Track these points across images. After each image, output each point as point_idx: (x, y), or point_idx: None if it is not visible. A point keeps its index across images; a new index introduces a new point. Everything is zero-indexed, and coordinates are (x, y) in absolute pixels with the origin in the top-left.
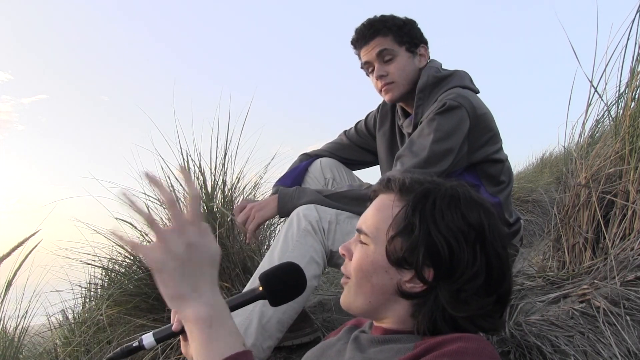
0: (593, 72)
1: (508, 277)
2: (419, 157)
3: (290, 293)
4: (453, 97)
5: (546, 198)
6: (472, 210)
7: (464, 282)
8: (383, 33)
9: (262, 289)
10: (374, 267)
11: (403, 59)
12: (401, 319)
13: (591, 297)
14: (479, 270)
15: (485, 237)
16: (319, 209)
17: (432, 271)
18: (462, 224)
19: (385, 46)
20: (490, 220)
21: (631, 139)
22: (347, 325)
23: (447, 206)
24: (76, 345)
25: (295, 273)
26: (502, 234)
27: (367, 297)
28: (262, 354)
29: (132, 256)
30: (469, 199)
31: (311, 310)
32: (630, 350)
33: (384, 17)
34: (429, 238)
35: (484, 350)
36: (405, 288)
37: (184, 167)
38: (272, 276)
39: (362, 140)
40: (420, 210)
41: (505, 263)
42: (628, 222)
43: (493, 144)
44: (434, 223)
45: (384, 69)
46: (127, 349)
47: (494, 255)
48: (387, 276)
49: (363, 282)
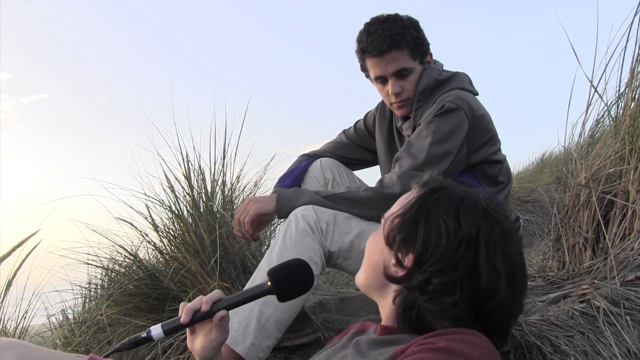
0: (593, 72)
1: (501, 296)
2: (417, 160)
3: (297, 288)
4: (451, 100)
5: (546, 198)
6: (470, 214)
7: (434, 272)
8: (400, 47)
9: (270, 284)
10: (375, 245)
11: (417, 73)
12: (390, 308)
13: (591, 297)
14: (454, 266)
15: (478, 242)
16: (317, 209)
17: (413, 257)
18: (452, 222)
19: (404, 65)
20: (493, 231)
21: (631, 139)
22: (352, 331)
23: (446, 204)
24: (76, 345)
25: (302, 269)
26: (508, 251)
27: (366, 273)
28: (261, 354)
29: (132, 256)
30: (474, 205)
31: (311, 310)
32: (630, 350)
33: (397, 26)
34: (417, 225)
35: (480, 343)
36: (390, 271)
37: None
38: (280, 272)
39: (361, 139)
40: (423, 201)
41: (500, 279)
42: (628, 222)
43: (492, 145)
44: (427, 213)
45: (400, 85)
46: (135, 340)
47: (486, 264)
48: (381, 256)
49: (366, 258)
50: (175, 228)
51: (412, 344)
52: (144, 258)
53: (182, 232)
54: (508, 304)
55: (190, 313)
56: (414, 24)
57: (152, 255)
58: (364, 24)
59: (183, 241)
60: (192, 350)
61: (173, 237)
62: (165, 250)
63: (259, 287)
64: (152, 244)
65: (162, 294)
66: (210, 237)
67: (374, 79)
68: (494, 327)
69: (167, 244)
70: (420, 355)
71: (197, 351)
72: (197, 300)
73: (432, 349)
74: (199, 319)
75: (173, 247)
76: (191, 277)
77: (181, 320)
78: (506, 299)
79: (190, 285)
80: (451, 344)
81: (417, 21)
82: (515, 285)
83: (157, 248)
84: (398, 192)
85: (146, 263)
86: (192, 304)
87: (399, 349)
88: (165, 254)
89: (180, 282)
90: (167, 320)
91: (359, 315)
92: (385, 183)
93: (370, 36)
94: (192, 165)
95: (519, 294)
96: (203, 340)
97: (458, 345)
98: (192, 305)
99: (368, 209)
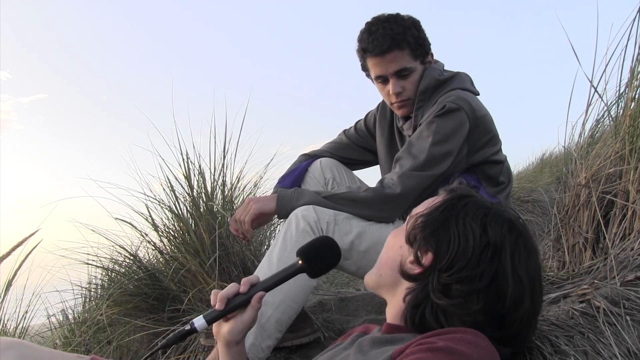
0: (593, 72)
1: (526, 308)
2: (418, 160)
3: (327, 264)
4: (452, 100)
5: (546, 198)
6: (496, 223)
7: (458, 279)
8: (401, 47)
9: (301, 262)
10: (395, 242)
11: (418, 73)
12: (399, 306)
13: (591, 297)
14: (479, 275)
15: (502, 252)
16: (317, 209)
17: (432, 257)
18: (479, 229)
19: (405, 64)
20: (517, 243)
21: (631, 139)
22: (355, 333)
23: (473, 210)
24: (76, 345)
25: (328, 244)
26: (531, 265)
27: (380, 269)
28: (261, 354)
29: (132, 256)
30: (501, 216)
31: (311, 310)
32: (630, 350)
33: (399, 26)
34: (442, 226)
35: (479, 343)
36: (406, 267)
37: None
38: (309, 249)
39: (361, 139)
40: (450, 205)
41: (525, 290)
42: (628, 222)
43: (492, 146)
44: (455, 217)
45: (401, 85)
46: (180, 333)
47: (511, 275)
48: (400, 252)
49: (383, 254)
50: (175, 228)
51: (411, 343)
52: (144, 258)
53: (182, 232)
54: (530, 315)
55: (224, 300)
56: (415, 23)
57: (152, 255)
58: (365, 23)
59: (183, 241)
60: (217, 335)
61: (173, 237)
62: (165, 250)
63: (291, 266)
64: (152, 244)
65: (162, 294)
66: (210, 237)
67: (374, 78)
68: (511, 337)
69: (167, 244)
70: (419, 355)
71: (225, 335)
72: (230, 286)
73: (431, 349)
74: (237, 305)
75: (173, 247)
76: (191, 277)
77: (216, 307)
78: (529, 310)
79: (190, 285)
80: (450, 343)
81: (418, 21)
82: (536, 298)
83: (157, 248)
84: (398, 193)
85: (146, 263)
86: (225, 290)
87: (398, 349)
88: (165, 254)
89: (180, 282)
90: (208, 311)
91: (359, 315)
92: (386, 183)
93: (372, 36)
94: (192, 165)
95: (538, 307)
96: (233, 323)
97: (457, 344)
98: (226, 292)
99: (368, 209)
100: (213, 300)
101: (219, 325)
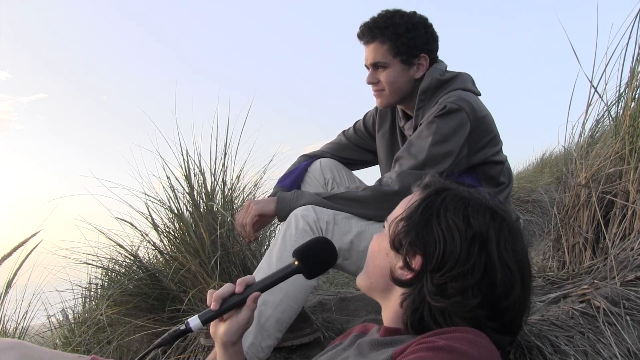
0: (593, 72)
1: (516, 294)
2: (417, 159)
3: (323, 264)
4: (453, 100)
5: (546, 198)
6: (478, 213)
7: (452, 277)
8: (381, 40)
9: (297, 263)
10: (379, 248)
11: (395, 70)
12: (395, 311)
13: (591, 297)
14: (471, 270)
15: (488, 241)
16: (316, 209)
17: (421, 260)
18: (462, 222)
19: (379, 59)
20: (502, 230)
21: (631, 139)
22: (354, 333)
23: (453, 204)
24: (76, 345)
25: (324, 245)
26: (518, 249)
27: (369, 277)
28: (261, 354)
29: (132, 256)
30: (481, 205)
31: (311, 310)
32: (630, 350)
33: (387, 19)
34: (426, 227)
35: (479, 341)
36: (397, 274)
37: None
38: (305, 250)
39: (361, 140)
40: (428, 202)
41: (514, 277)
42: (628, 222)
43: (493, 146)
44: (436, 215)
45: (375, 76)
46: (175, 333)
47: (499, 263)
48: (387, 259)
49: (369, 262)
50: (175, 228)
51: (411, 343)
52: (144, 258)
53: (182, 232)
54: (521, 300)
55: (219, 300)
56: (415, 24)
57: (152, 255)
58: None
59: (183, 241)
60: (215, 336)
61: (173, 237)
62: (165, 250)
63: (287, 267)
64: (152, 243)
65: (162, 294)
66: (210, 237)
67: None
68: (507, 325)
69: (167, 243)
70: (420, 354)
71: (221, 335)
72: (225, 287)
73: (431, 348)
74: (232, 305)
75: (173, 247)
76: (191, 277)
77: (211, 307)
78: (520, 296)
79: (190, 285)
80: (450, 342)
81: (420, 23)
82: (526, 282)
83: (157, 248)
84: (397, 190)
85: (146, 263)
86: (220, 291)
87: (398, 349)
88: (165, 254)
89: (180, 282)
90: (203, 311)
91: (359, 315)
92: (384, 182)
93: (363, 24)
94: (193, 164)
95: (529, 290)
96: (228, 323)
97: (457, 343)
98: (221, 292)
99: (367, 208)
100: (208, 300)
101: (216, 325)
